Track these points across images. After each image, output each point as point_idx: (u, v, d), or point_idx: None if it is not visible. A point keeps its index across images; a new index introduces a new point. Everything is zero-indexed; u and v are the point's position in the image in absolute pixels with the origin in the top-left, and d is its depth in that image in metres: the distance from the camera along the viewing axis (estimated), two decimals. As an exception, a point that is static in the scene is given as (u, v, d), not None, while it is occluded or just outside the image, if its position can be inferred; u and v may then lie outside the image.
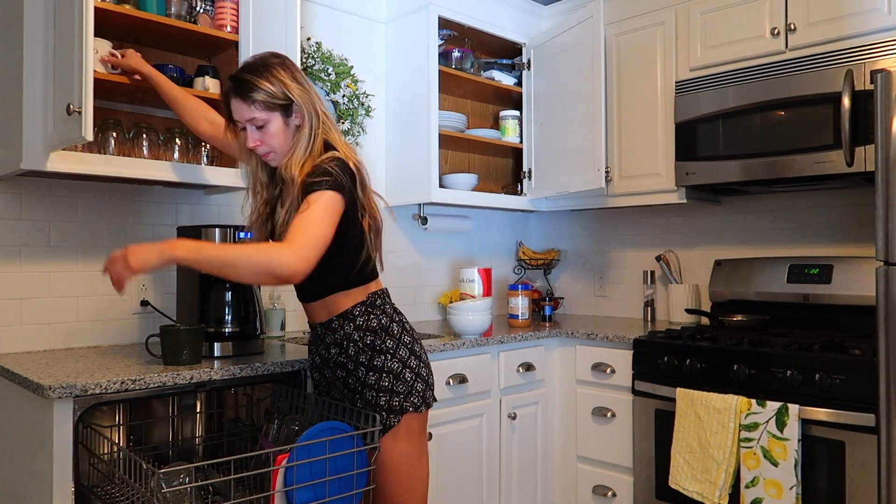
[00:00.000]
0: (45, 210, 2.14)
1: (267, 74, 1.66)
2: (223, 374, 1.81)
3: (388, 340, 1.73)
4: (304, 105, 1.67)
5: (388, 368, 1.71)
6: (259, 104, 1.65)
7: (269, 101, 1.65)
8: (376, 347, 1.72)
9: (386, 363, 1.72)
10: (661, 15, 2.83)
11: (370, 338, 1.73)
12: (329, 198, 1.57)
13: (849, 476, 1.99)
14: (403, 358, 1.74)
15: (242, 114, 1.68)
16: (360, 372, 1.73)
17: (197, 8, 2.25)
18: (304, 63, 2.69)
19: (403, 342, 1.75)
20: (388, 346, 1.73)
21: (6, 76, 1.92)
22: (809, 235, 2.76)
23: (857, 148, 2.23)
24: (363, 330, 1.73)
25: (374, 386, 1.71)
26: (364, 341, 1.73)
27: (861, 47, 2.28)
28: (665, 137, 2.81)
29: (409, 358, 1.75)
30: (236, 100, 1.68)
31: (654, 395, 2.43)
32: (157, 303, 2.32)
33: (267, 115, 1.67)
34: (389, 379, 1.71)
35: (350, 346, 1.74)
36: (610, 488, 2.61)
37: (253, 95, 1.65)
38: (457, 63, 3.01)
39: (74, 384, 1.56)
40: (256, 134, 1.69)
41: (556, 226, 3.63)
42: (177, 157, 2.24)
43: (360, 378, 1.73)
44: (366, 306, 1.75)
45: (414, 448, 1.74)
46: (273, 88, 1.65)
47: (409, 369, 1.74)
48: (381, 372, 1.71)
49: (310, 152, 1.67)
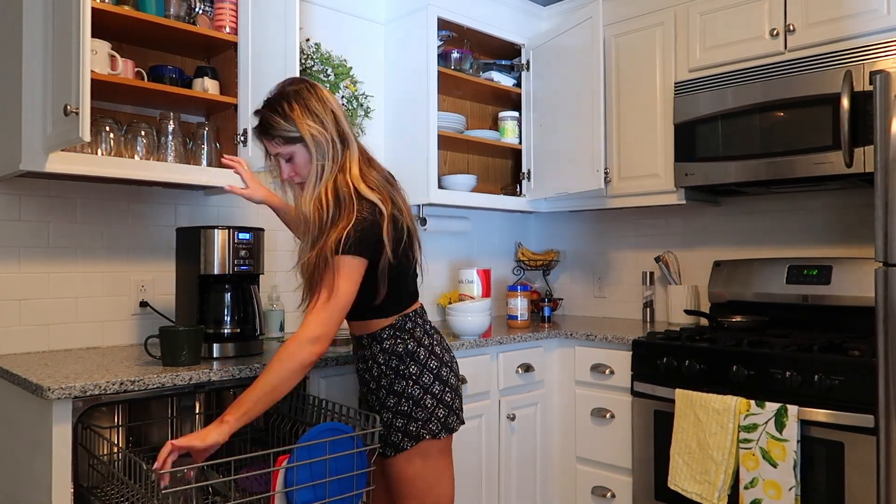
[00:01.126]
0: (45, 211, 2.14)
1: (280, 109, 1.67)
2: (222, 374, 1.81)
3: (412, 366, 1.72)
4: (313, 138, 1.65)
5: (409, 394, 1.71)
6: (279, 139, 1.68)
7: (286, 135, 1.67)
8: (400, 372, 1.72)
9: (406, 389, 1.71)
10: (661, 16, 2.84)
11: (395, 362, 1.73)
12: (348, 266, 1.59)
13: (848, 477, 1.99)
14: (426, 384, 1.72)
15: (270, 149, 1.72)
16: (381, 393, 1.75)
17: (196, 9, 2.25)
18: (303, 64, 2.69)
19: (429, 367, 1.73)
20: (412, 372, 1.72)
21: (5, 77, 1.91)
22: (808, 236, 2.76)
23: (856, 149, 2.23)
24: (388, 353, 1.74)
25: (392, 409, 1.72)
26: (389, 364, 1.73)
27: (860, 48, 2.28)
28: (664, 138, 2.81)
29: (433, 384, 1.73)
30: (261, 137, 1.72)
31: (653, 395, 2.43)
32: (156, 304, 2.32)
33: (290, 148, 1.68)
34: (409, 405, 1.71)
35: (374, 367, 1.76)
36: (609, 489, 2.61)
37: (271, 132, 1.69)
38: (456, 64, 3.01)
39: (73, 385, 1.56)
40: (287, 166, 1.72)
41: (555, 227, 3.63)
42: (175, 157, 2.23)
43: (381, 399, 1.75)
44: (394, 329, 1.75)
45: (431, 468, 1.73)
46: (286, 124, 1.66)
47: (431, 395, 1.72)
48: (401, 397, 1.71)
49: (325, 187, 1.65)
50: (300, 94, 1.69)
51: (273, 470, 1.53)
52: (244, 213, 2.57)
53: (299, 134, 1.66)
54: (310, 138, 1.65)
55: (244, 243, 2.05)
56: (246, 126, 2.23)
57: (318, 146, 1.66)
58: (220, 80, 2.29)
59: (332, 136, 1.67)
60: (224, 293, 2.05)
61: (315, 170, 1.66)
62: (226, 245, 2.02)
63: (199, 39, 2.24)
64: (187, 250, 2.06)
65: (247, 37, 2.23)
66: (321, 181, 1.66)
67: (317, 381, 2.03)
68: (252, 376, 1.86)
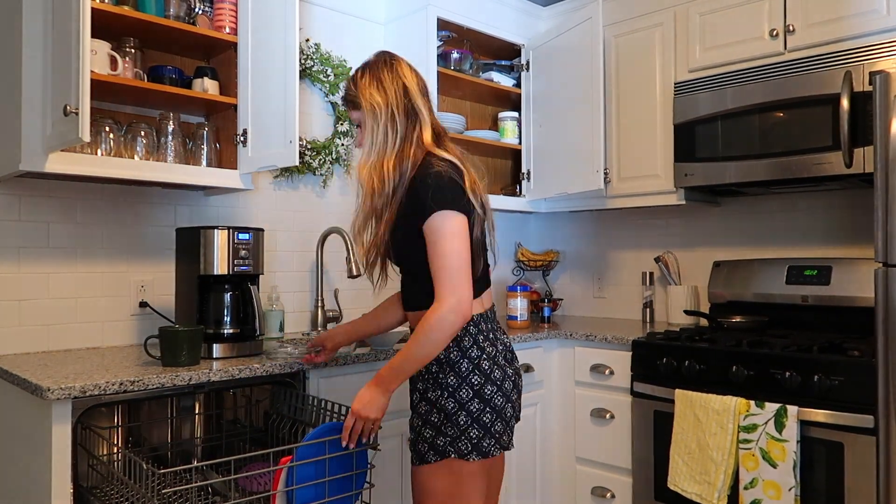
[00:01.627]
0: (44, 211, 2.14)
1: (354, 76, 1.71)
2: (222, 375, 1.81)
3: (451, 377, 1.58)
4: (371, 107, 1.65)
5: (441, 406, 1.58)
6: (350, 104, 1.72)
7: (353, 101, 1.70)
8: (438, 380, 1.60)
9: (440, 400, 1.59)
10: (660, 16, 2.84)
11: (434, 368, 1.61)
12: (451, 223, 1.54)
13: (847, 477, 1.99)
14: (463, 399, 1.57)
15: (349, 114, 1.77)
16: (415, 396, 1.68)
17: (196, 9, 2.25)
18: (303, 64, 2.69)
19: (469, 382, 1.57)
20: (450, 383, 1.58)
21: (5, 77, 1.91)
22: (808, 237, 2.76)
23: (855, 149, 2.23)
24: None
25: (423, 417, 1.63)
26: (428, 368, 1.62)
27: (860, 48, 2.28)
28: (664, 139, 2.81)
29: (472, 400, 1.57)
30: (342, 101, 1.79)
31: (652, 396, 2.43)
32: (155, 304, 2.32)
33: (357, 114, 1.70)
34: (439, 417, 1.59)
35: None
36: (609, 489, 2.61)
37: (344, 96, 1.74)
38: (455, 64, 3.01)
39: (73, 385, 1.56)
40: (359, 132, 1.73)
41: (554, 227, 3.63)
42: (175, 158, 2.23)
43: (414, 402, 1.68)
44: None
45: (456, 488, 1.58)
46: (354, 90, 1.69)
47: (467, 413, 1.56)
48: (433, 406, 1.60)
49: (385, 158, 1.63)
50: (375, 65, 1.70)
51: (276, 469, 1.54)
52: (244, 213, 2.57)
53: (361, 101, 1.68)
54: (368, 106, 1.65)
55: (244, 243, 2.05)
56: (246, 126, 2.23)
57: (375, 115, 1.64)
58: (220, 81, 2.29)
59: (394, 108, 1.64)
60: (224, 293, 2.05)
61: (372, 138, 1.65)
62: (225, 245, 2.02)
63: (199, 40, 2.24)
64: (187, 250, 2.06)
65: (246, 37, 2.23)
66: (375, 150, 1.64)
67: (316, 381, 2.03)
68: (251, 376, 1.86)
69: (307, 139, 2.73)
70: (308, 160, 2.71)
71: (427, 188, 1.56)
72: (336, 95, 2.81)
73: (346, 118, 2.84)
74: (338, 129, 2.82)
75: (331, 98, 2.81)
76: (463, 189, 1.59)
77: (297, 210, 2.73)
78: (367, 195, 1.65)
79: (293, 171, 2.70)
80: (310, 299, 2.76)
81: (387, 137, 1.64)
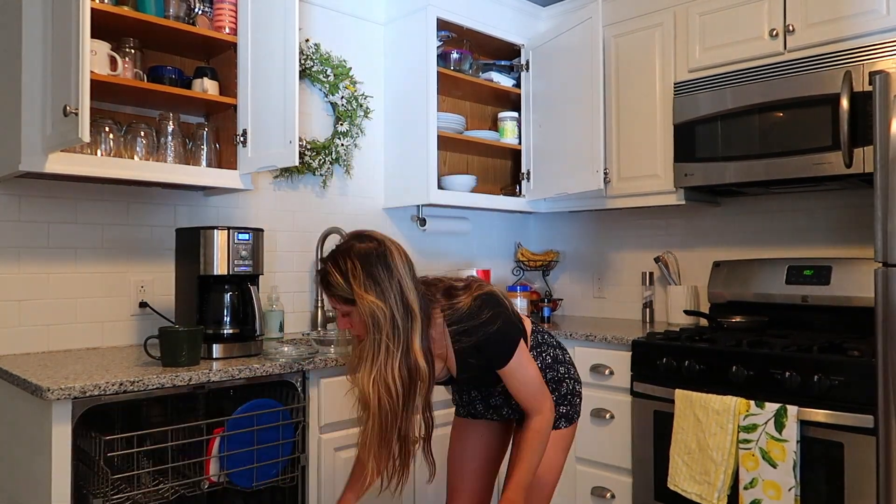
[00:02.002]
0: (44, 211, 2.14)
1: (342, 268, 1.53)
2: (222, 375, 1.81)
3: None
4: (370, 314, 1.51)
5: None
6: (336, 297, 1.56)
7: (343, 296, 1.54)
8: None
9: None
10: (660, 16, 2.84)
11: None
12: (519, 353, 1.66)
13: (847, 477, 1.99)
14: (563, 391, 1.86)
15: (328, 300, 1.61)
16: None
17: (195, 9, 2.25)
18: (303, 64, 2.69)
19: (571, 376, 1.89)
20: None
21: (4, 78, 1.92)
22: (808, 237, 2.76)
23: (855, 149, 2.23)
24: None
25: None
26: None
27: (860, 48, 2.28)
28: (664, 139, 2.81)
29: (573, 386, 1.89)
30: (320, 286, 1.61)
31: (652, 396, 2.43)
32: (155, 304, 2.32)
33: (346, 307, 1.56)
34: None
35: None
36: (608, 490, 2.61)
37: (330, 289, 1.56)
38: (455, 64, 3.01)
39: (73, 386, 1.56)
40: (344, 319, 1.60)
41: (554, 227, 3.63)
42: (175, 158, 2.23)
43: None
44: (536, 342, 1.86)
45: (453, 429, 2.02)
46: (345, 286, 1.53)
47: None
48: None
49: (389, 371, 1.52)
50: (368, 258, 1.53)
51: (209, 438, 1.81)
52: (244, 213, 2.57)
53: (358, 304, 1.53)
54: (368, 311, 1.51)
55: (244, 244, 2.05)
56: (245, 126, 2.23)
57: (376, 321, 1.51)
58: (220, 81, 2.29)
59: (392, 312, 1.52)
60: (223, 294, 2.05)
61: (372, 345, 1.53)
62: (225, 245, 2.02)
63: (199, 40, 2.24)
64: (187, 251, 2.07)
65: (246, 37, 2.23)
66: (378, 361, 1.52)
67: (317, 381, 2.04)
68: (252, 376, 1.86)
69: (307, 139, 2.73)
70: (308, 160, 2.71)
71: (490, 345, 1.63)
72: (336, 95, 2.81)
73: (346, 119, 2.84)
74: (338, 130, 2.83)
75: (330, 98, 2.81)
76: (512, 320, 1.68)
77: (296, 210, 2.73)
78: (373, 416, 1.53)
79: (293, 171, 2.70)
80: (309, 299, 2.76)
81: (383, 345, 1.52)
